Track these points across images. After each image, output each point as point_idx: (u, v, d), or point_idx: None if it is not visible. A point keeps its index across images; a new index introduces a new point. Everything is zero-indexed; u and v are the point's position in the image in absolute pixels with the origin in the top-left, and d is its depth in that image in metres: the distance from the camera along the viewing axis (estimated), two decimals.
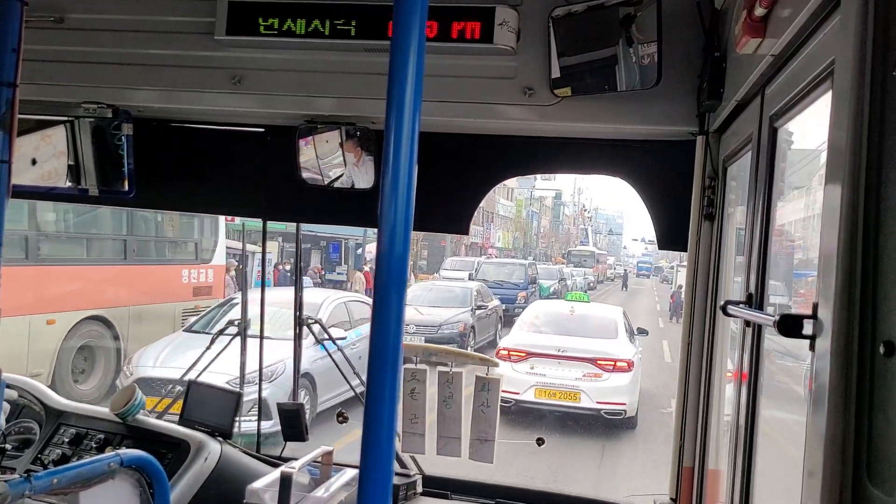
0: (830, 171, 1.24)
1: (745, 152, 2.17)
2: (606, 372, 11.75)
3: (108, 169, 3.28)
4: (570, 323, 13.26)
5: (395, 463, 3.39)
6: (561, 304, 15.06)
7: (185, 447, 3.11)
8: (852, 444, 1.09)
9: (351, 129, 3.08)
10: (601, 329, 13.09)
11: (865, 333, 1.09)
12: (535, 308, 15.27)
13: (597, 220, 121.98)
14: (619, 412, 11.64)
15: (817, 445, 1.15)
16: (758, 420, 1.83)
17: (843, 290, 1.13)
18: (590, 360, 11.79)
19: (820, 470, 1.13)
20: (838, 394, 1.11)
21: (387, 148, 1.10)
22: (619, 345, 12.65)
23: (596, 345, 12.23)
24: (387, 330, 1.06)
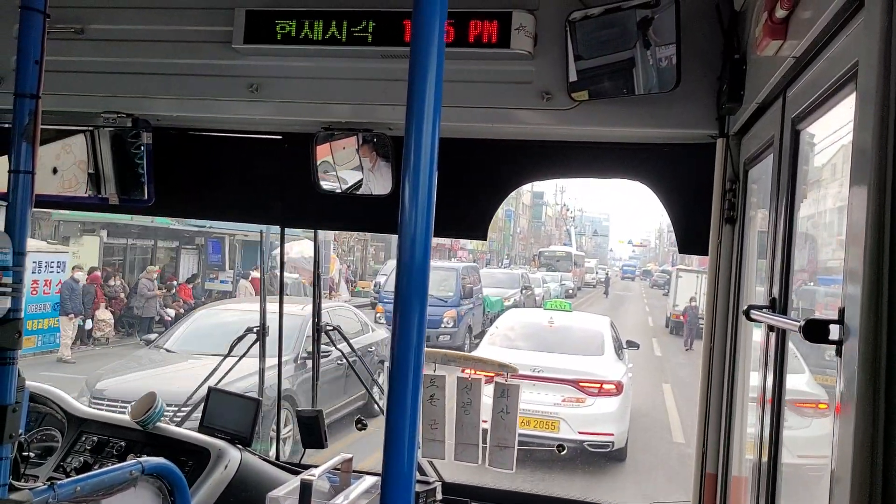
0: (856, 173, 1.22)
1: (767, 155, 2.15)
2: (591, 396, 10.04)
3: (128, 177, 3.31)
4: (549, 336, 11.23)
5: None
6: (539, 315, 12.93)
7: (205, 455, 3.12)
8: (882, 450, 1.07)
9: (368, 136, 3.09)
10: (585, 344, 11.25)
11: (893, 337, 1.07)
12: (509, 318, 13.27)
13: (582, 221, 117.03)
14: (605, 444, 9.90)
15: (846, 451, 1.13)
16: (782, 426, 1.81)
17: (870, 294, 1.11)
18: (571, 382, 9.96)
19: (849, 476, 1.11)
20: (867, 399, 1.10)
21: (407, 154, 1.09)
22: (605, 363, 10.86)
23: (578, 363, 10.42)
24: (409, 338, 1.05)
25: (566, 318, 12.27)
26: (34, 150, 1.70)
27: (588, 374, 10.15)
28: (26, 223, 1.71)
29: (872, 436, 1.09)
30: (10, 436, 1.71)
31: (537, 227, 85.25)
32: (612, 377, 10.31)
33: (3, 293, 1.64)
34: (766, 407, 1.87)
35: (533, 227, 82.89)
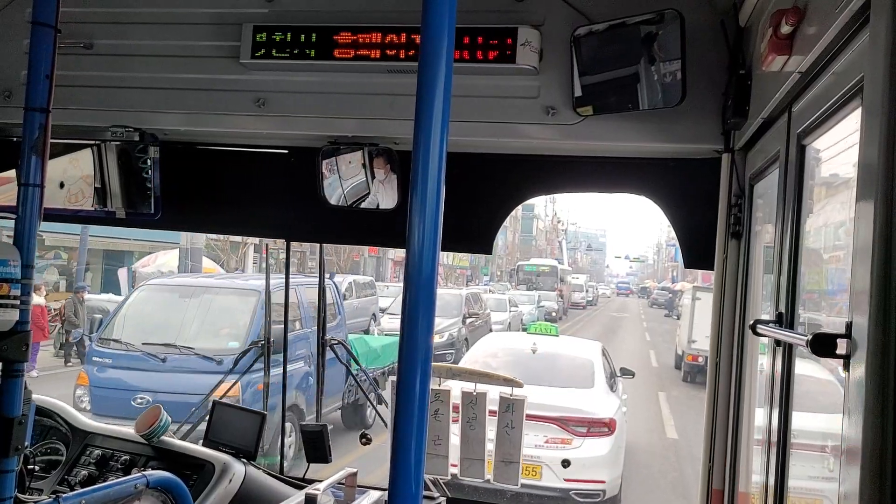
0: (862, 187, 1.23)
1: (773, 170, 2.15)
2: (578, 437, 8.49)
3: (135, 191, 3.32)
4: (531, 365, 9.36)
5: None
6: (523, 340, 10.89)
7: (209, 468, 3.12)
8: (890, 463, 1.07)
9: (374, 150, 3.10)
10: (572, 374, 9.63)
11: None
12: (489, 344, 11.36)
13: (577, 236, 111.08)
14: (595, 493, 8.41)
15: (854, 463, 1.13)
16: (790, 442, 1.80)
17: (877, 307, 1.11)
18: (556, 421, 8.38)
19: (857, 492, 1.10)
20: (875, 414, 1.09)
21: (415, 169, 1.10)
22: (596, 397, 9.28)
23: (564, 397, 8.81)
24: (415, 352, 1.05)
25: (552, 343, 10.44)
26: (43, 164, 1.72)
27: (576, 411, 8.61)
28: (34, 236, 1.72)
29: (881, 451, 1.08)
30: (16, 448, 1.71)
31: (527, 241, 78.43)
32: (603, 414, 8.79)
33: (12, 305, 1.65)
34: (774, 422, 1.87)
35: (522, 242, 75.85)
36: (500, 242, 55.62)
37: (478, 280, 55.88)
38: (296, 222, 3.48)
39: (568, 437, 8.50)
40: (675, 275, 67.48)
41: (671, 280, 69.07)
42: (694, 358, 19.70)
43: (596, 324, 38.59)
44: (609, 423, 8.71)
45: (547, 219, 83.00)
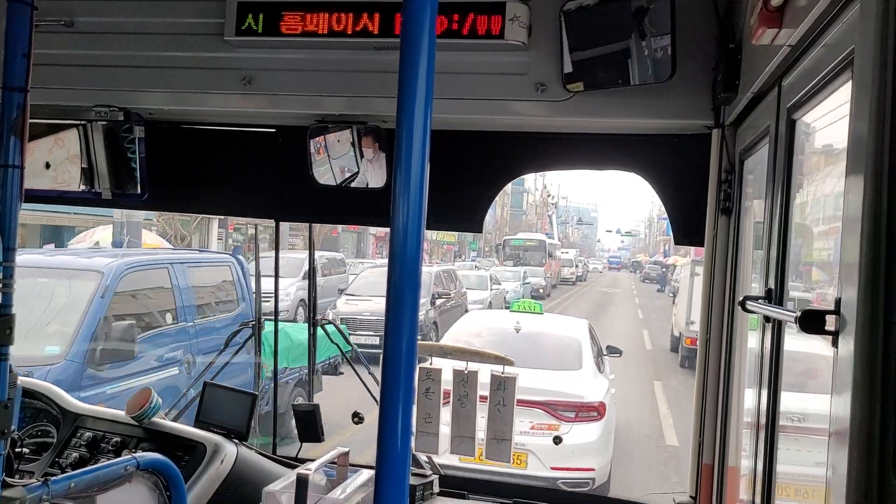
0: (852, 162, 1.21)
1: (763, 145, 2.14)
2: (566, 422, 8.05)
3: (121, 172, 3.29)
4: (515, 346, 8.42)
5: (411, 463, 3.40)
6: (506, 318, 10.12)
7: (201, 449, 3.11)
8: (878, 441, 1.07)
9: (362, 128, 3.07)
10: (559, 355, 9.11)
11: (890, 328, 1.06)
12: (470, 323, 10.80)
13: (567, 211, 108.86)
14: (583, 482, 7.92)
15: (842, 443, 1.13)
16: (778, 417, 1.80)
17: (866, 284, 1.10)
18: (543, 405, 7.95)
19: (845, 467, 1.10)
20: (863, 390, 1.09)
21: (398, 147, 1.08)
22: (583, 379, 8.77)
23: (552, 381, 8.27)
24: (400, 329, 1.05)
25: (537, 322, 9.77)
26: (23, 145, 1.69)
27: (563, 395, 8.16)
28: (16, 219, 1.70)
29: (869, 427, 1.08)
30: (3, 432, 1.70)
31: (517, 215, 76.09)
32: (592, 398, 8.34)
33: None
34: (763, 397, 1.87)
35: (512, 217, 73.57)
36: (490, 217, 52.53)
37: (465, 256, 54.64)
38: (285, 202, 3.46)
39: (555, 423, 8.03)
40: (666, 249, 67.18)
41: (663, 254, 68.74)
42: (693, 342, 16.92)
43: (586, 300, 36.34)
44: (598, 406, 8.31)
45: (537, 193, 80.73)
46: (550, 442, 7.50)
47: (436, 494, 3.31)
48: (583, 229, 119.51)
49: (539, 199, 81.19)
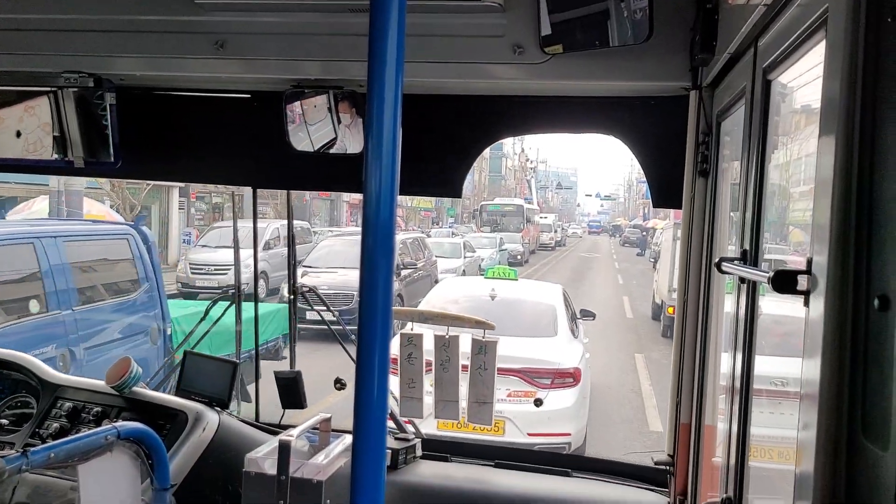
0: (825, 122, 1.22)
1: (739, 106, 2.14)
2: (543, 389, 8.12)
3: (94, 139, 3.22)
4: (491, 312, 8.15)
5: (394, 427, 3.43)
6: (481, 285, 10.15)
7: (182, 418, 3.12)
8: (847, 399, 1.09)
9: (339, 93, 3.03)
10: (534, 322, 9.16)
11: (860, 287, 1.07)
12: (445, 289, 10.84)
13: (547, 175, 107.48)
14: (560, 446, 7.97)
15: (812, 401, 1.14)
16: (752, 375, 1.83)
17: (837, 243, 1.11)
18: (519, 373, 8.00)
19: (815, 425, 1.12)
20: (833, 349, 1.10)
21: (370, 111, 1.07)
22: (559, 346, 8.85)
23: (527, 347, 8.27)
24: (375, 295, 1.04)
25: (512, 288, 9.90)
26: None
27: (539, 362, 8.23)
28: None
29: (839, 385, 1.10)
30: None
31: (496, 181, 74.44)
32: (567, 364, 8.44)
33: None
34: (738, 358, 1.90)
35: (491, 182, 72.27)
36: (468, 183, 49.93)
37: (443, 223, 53.60)
38: (262, 169, 3.42)
39: (532, 390, 8.11)
40: (646, 212, 67.19)
41: (643, 217, 68.73)
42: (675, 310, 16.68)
43: (564, 267, 35.38)
44: (574, 372, 8.42)
45: (515, 158, 79.43)
46: (527, 409, 7.81)
47: (418, 458, 3.35)
48: (562, 194, 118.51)
49: (518, 164, 79.78)
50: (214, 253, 20.81)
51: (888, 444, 0.95)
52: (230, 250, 15.81)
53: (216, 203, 33.41)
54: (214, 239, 22.19)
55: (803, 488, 1.16)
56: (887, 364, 0.97)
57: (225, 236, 21.27)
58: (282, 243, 19.40)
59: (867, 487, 1.01)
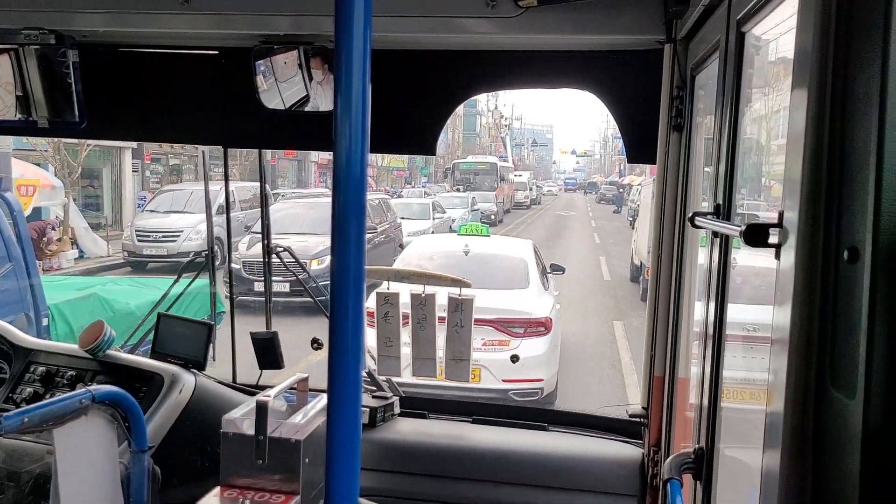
0: (797, 75, 1.21)
1: (713, 60, 2.13)
2: (515, 338, 8.51)
3: (58, 99, 3.14)
4: (466, 267, 8.94)
5: (372, 386, 3.45)
6: (455, 241, 10.53)
7: (158, 380, 3.11)
8: (816, 349, 1.10)
9: (310, 49, 2.97)
10: (506, 275, 9.58)
11: (830, 240, 1.08)
12: (420, 246, 11.19)
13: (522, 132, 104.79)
14: (533, 392, 8.52)
15: (782, 351, 1.16)
16: (725, 328, 1.85)
17: (808, 197, 1.11)
18: (493, 323, 8.38)
19: (784, 375, 1.14)
20: (803, 301, 1.11)
21: (338, 67, 1.04)
22: (530, 297, 9.28)
23: (500, 299, 8.68)
24: (347, 254, 1.03)
25: (484, 244, 10.37)
26: None
27: (512, 312, 8.63)
28: None
29: (808, 336, 1.11)
30: None
31: (471, 138, 72.78)
32: (539, 314, 8.86)
33: None
34: (710, 311, 1.92)
35: (465, 140, 70.58)
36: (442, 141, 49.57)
37: (416, 182, 52.43)
38: (232, 128, 3.36)
39: (505, 339, 8.50)
40: (622, 169, 66.97)
41: (618, 174, 68.66)
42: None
43: (540, 226, 34.42)
44: (545, 322, 8.81)
45: (489, 114, 78.01)
46: (502, 357, 8.32)
47: (397, 415, 3.38)
48: (538, 151, 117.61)
49: (492, 122, 78.43)
50: (164, 218, 19.80)
51: (855, 393, 0.97)
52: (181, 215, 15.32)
53: (174, 165, 31.61)
54: (165, 203, 20.93)
55: (772, 437, 1.18)
56: (855, 315, 0.98)
57: (177, 200, 20.44)
58: (237, 207, 18.79)
59: (834, 435, 1.03)
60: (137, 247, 19.32)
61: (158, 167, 31.07)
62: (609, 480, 2.98)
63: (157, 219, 19.90)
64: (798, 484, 1.11)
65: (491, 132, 78.20)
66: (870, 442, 0.93)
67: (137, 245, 19.33)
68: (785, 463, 1.13)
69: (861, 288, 0.96)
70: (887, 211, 0.94)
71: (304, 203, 17.74)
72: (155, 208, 20.89)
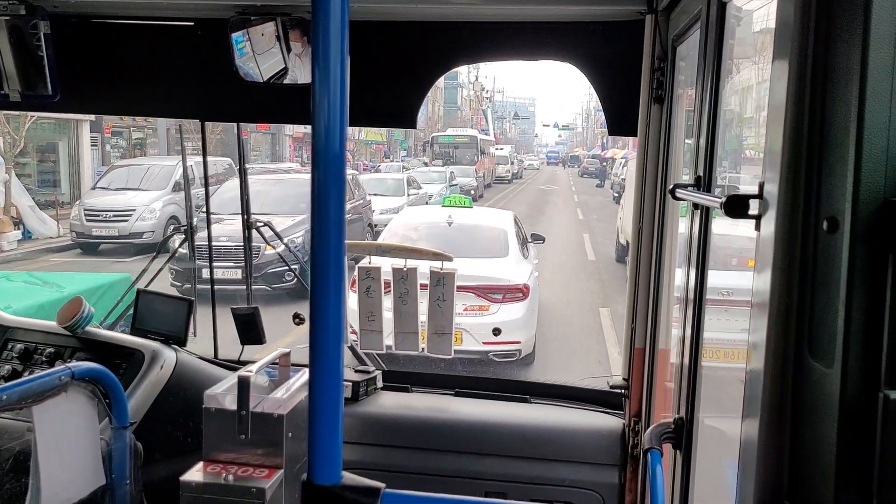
0: (778, 46, 1.20)
1: (695, 31, 2.12)
2: (495, 303, 9.09)
3: (30, 71, 3.07)
4: (449, 237, 9.72)
5: (354, 360, 3.45)
6: (439, 213, 11.11)
7: (139, 357, 3.09)
8: (795, 319, 1.11)
9: (287, 21, 2.92)
10: (487, 244, 10.14)
11: (809, 210, 1.08)
12: (406, 217, 11.72)
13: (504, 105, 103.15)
14: (511, 353, 9.12)
15: (762, 321, 1.17)
16: (705, 299, 1.86)
17: (789, 168, 1.11)
18: (474, 289, 8.92)
19: (764, 344, 1.15)
20: (783, 271, 1.12)
21: (315, 38, 1.02)
22: (509, 265, 9.82)
23: (480, 267, 9.21)
24: (327, 228, 1.02)
25: (467, 215, 10.87)
26: None
27: (491, 279, 9.19)
28: None
29: (787, 306, 1.12)
30: None
31: (452, 111, 71.14)
32: (517, 280, 9.43)
33: None
34: (691, 283, 1.93)
35: (447, 113, 69.08)
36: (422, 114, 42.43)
37: (394, 157, 51.03)
38: (209, 101, 3.31)
39: (485, 304, 9.04)
40: (605, 142, 66.59)
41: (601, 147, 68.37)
42: None
43: (521, 201, 33.23)
44: (523, 288, 9.34)
45: (471, 87, 76.20)
46: (482, 321, 8.92)
47: (379, 389, 3.39)
48: (520, 124, 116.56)
49: (473, 94, 76.71)
50: (115, 196, 17.98)
51: (832, 362, 0.98)
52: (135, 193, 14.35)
53: (138, 139, 29.77)
54: (119, 179, 19.02)
55: (751, 406, 1.20)
56: (834, 285, 0.99)
57: (133, 176, 18.79)
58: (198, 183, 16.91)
59: (812, 404, 1.04)
60: (86, 227, 17.48)
61: (121, 141, 29.40)
62: (590, 451, 3.01)
63: (108, 196, 18.10)
64: (776, 452, 1.12)
65: (472, 105, 77.34)
66: (847, 410, 0.94)
67: (86, 225, 17.49)
68: (763, 431, 1.14)
69: (840, 258, 0.97)
70: (866, 181, 0.94)
71: (266, 180, 16.40)
72: (107, 185, 18.92)
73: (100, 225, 17.46)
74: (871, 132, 0.95)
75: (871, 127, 0.95)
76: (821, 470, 0.99)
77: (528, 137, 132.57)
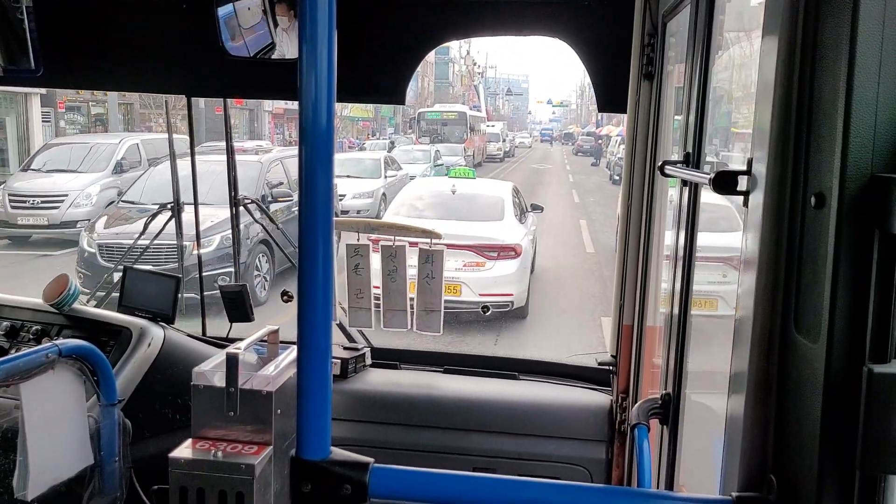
0: (767, 22, 1.20)
1: (685, 6, 2.10)
2: (490, 260, 10.36)
3: (12, 45, 3.02)
4: (452, 204, 11.43)
5: (343, 337, 3.45)
6: (444, 183, 12.77)
7: (126, 334, 3.08)
8: (781, 294, 1.11)
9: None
10: (485, 210, 11.54)
11: (798, 186, 1.08)
12: (415, 188, 13.27)
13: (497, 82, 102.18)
14: (504, 304, 10.37)
15: (748, 296, 1.17)
16: (692, 277, 1.87)
17: (777, 143, 1.11)
18: (470, 248, 10.12)
19: (750, 319, 1.15)
20: (770, 247, 1.12)
21: (302, 11, 1.01)
22: (504, 228, 11.17)
23: (478, 229, 10.68)
24: (314, 204, 1.02)
25: (469, 185, 12.57)
26: None
27: (487, 239, 10.42)
28: None
29: (774, 281, 1.12)
30: None
31: (443, 87, 70.75)
32: (510, 241, 10.67)
33: None
34: (679, 261, 1.93)
35: (437, 89, 68.59)
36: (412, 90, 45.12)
37: (381, 134, 49.61)
38: (196, 76, 3.28)
39: (482, 261, 10.36)
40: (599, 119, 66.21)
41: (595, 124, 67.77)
42: None
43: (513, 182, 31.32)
44: (515, 247, 10.61)
45: (462, 62, 75.09)
46: (479, 275, 10.27)
47: (368, 366, 3.39)
48: (513, 101, 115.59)
49: (465, 70, 75.57)
50: (45, 179, 15.65)
51: (818, 337, 0.98)
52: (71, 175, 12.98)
53: (98, 114, 27.18)
54: (55, 160, 16.50)
55: (737, 381, 1.21)
56: (821, 260, 0.99)
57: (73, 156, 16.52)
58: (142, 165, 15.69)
59: (797, 379, 1.05)
60: (10, 215, 14.86)
61: (78, 116, 26.64)
62: (578, 427, 3.03)
63: (38, 179, 15.62)
64: (762, 426, 1.13)
65: (464, 81, 75.89)
66: (831, 386, 0.95)
67: (10, 213, 14.87)
68: (749, 406, 1.15)
69: (826, 233, 0.97)
70: (854, 157, 0.94)
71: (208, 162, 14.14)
72: (39, 167, 16.32)
73: (26, 213, 14.96)
74: (859, 108, 0.95)
75: (859, 103, 0.95)
76: (805, 444, 1.00)
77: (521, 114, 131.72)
